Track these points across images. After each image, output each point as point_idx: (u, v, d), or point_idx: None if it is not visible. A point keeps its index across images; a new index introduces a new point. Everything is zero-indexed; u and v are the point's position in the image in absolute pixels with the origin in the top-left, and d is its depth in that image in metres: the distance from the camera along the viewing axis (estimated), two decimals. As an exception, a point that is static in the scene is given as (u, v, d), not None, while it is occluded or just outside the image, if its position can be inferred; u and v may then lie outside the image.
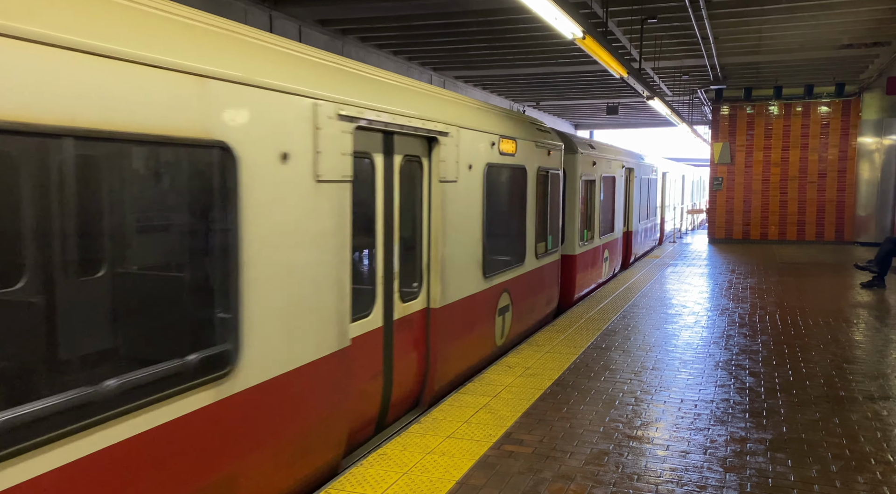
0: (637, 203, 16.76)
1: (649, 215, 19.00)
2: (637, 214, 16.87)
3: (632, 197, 16.19)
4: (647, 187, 18.25)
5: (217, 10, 10.68)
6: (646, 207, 18.34)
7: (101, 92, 2.78)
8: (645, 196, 18.11)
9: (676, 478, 4.49)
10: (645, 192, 18.04)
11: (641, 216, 17.68)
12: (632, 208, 16.24)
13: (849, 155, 20.82)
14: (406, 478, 4.42)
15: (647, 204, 18.46)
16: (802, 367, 7.21)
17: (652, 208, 19.57)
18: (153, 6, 3.27)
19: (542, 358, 7.41)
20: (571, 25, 7.64)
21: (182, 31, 3.34)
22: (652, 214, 19.58)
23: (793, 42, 15.08)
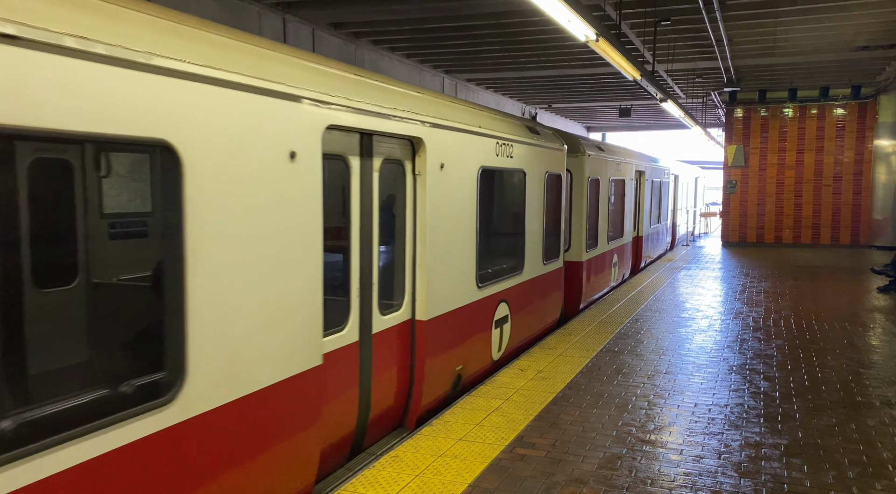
0: (648, 207, 16.35)
1: (661, 218, 18.58)
2: (648, 218, 16.47)
3: (642, 201, 15.76)
4: (658, 191, 17.80)
5: (231, 14, 10.76)
6: (657, 210, 17.87)
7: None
8: (656, 200, 17.69)
9: (690, 483, 4.46)
10: (656, 195, 17.63)
11: (652, 220, 17.27)
12: (642, 212, 15.82)
13: (865, 158, 20.61)
14: (418, 480, 4.42)
15: (658, 208, 18.03)
16: (818, 372, 7.14)
17: (663, 212, 19.13)
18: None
19: (555, 361, 7.38)
20: (584, 28, 7.62)
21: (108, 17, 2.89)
22: (663, 217, 19.17)
23: (808, 44, 14.95)
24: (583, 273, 10.65)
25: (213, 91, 3.32)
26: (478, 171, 6.62)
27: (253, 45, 3.80)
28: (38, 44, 2.49)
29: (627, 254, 14.10)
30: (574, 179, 10.42)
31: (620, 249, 13.37)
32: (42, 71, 2.51)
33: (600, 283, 11.88)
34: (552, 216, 9.19)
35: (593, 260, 11.22)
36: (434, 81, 18.31)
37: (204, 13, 10.01)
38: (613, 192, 12.53)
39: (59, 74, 2.57)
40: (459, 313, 6.32)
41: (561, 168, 9.40)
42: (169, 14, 3.26)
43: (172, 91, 3.05)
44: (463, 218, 6.32)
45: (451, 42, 14.90)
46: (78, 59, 2.64)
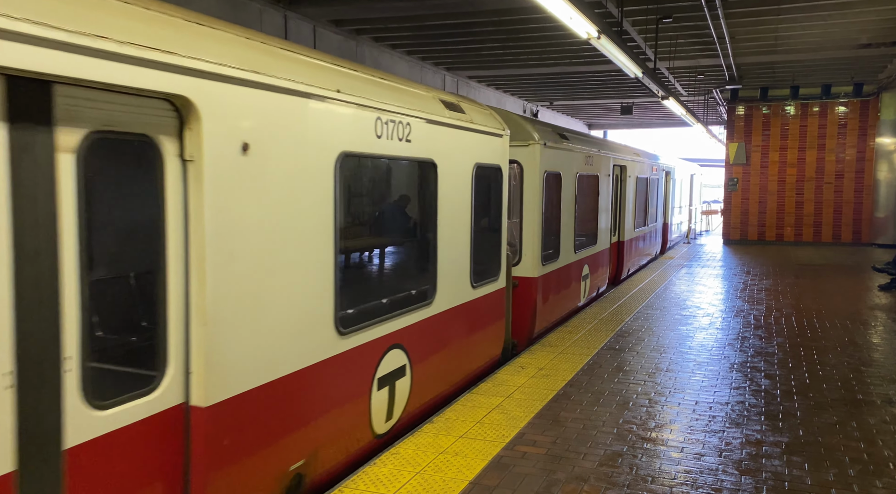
0: (632, 207, 14.23)
1: (648, 220, 16.34)
2: (631, 220, 14.31)
3: (625, 200, 13.69)
4: (644, 188, 15.67)
5: (232, 10, 10.75)
6: (643, 211, 15.70)
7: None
8: (642, 199, 15.47)
9: (691, 481, 4.46)
10: (642, 194, 15.42)
11: (638, 222, 15.13)
12: (624, 214, 13.77)
13: (867, 156, 20.58)
14: (419, 477, 4.42)
15: (645, 208, 15.89)
16: (819, 370, 7.14)
17: (653, 213, 16.97)
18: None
19: (555, 359, 7.38)
20: (586, 25, 7.60)
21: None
22: (653, 219, 16.96)
23: (810, 41, 14.92)
24: (537, 292, 8.40)
25: None
26: (336, 159, 4.37)
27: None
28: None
29: (604, 263, 11.97)
30: (525, 173, 8.29)
31: (594, 258, 11.25)
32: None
33: (565, 301, 9.71)
34: (488, 223, 7.18)
35: (553, 275, 9.03)
36: (435, 78, 18.30)
37: (205, 10, 10.00)
38: (583, 190, 10.47)
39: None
40: (295, 380, 4.09)
41: (500, 159, 7.20)
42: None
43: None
44: (302, 233, 4.11)
45: (453, 39, 14.89)
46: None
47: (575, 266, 10.13)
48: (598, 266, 11.49)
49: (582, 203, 10.46)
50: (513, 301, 8.08)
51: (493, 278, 7.15)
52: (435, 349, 5.94)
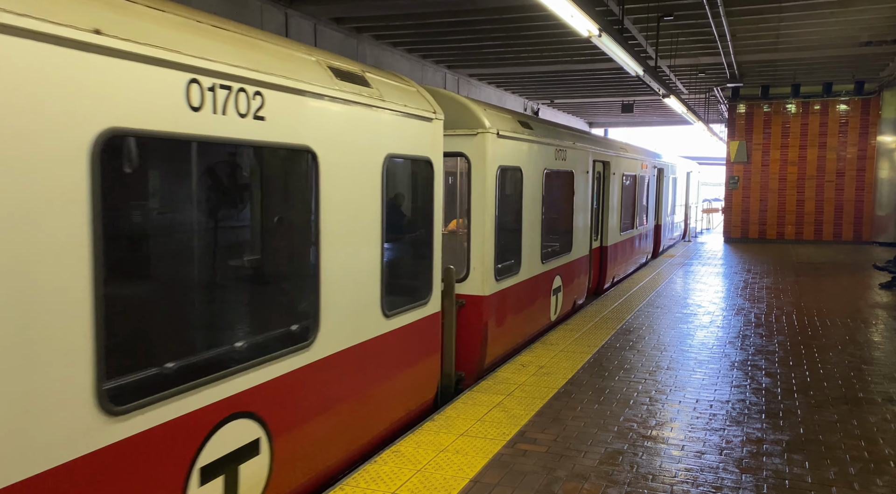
0: (616, 208, 12.73)
1: (637, 222, 14.94)
2: (616, 222, 12.84)
3: (608, 201, 12.24)
4: (633, 187, 14.24)
5: (233, 9, 10.74)
6: (630, 212, 14.26)
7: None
8: (629, 199, 14.05)
9: (692, 479, 4.46)
10: (630, 193, 14.01)
11: (625, 225, 13.72)
12: (607, 216, 12.26)
13: (868, 154, 20.56)
14: (420, 475, 4.42)
15: (633, 209, 14.49)
16: (820, 368, 7.14)
17: (643, 214, 15.63)
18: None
19: (556, 357, 7.39)
20: (587, 23, 7.59)
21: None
22: (643, 220, 15.61)
23: (811, 39, 14.90)
24: (488, 314, 6.99)
25: None
26: (93, 142, 2.78)
27: None
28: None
29: (582, 272, 10.53)
30: (473, 169, 6.87)
31: (569, 267, 9.77)
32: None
33: (528, 321, 8.28)
34: (412, 231, 6.10)
35: (512, 291, 7.62)
36: (436, 76, 18.29)
37: (206, 8, 9.99)
38: (553, 189, 9.16)
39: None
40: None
41: (430, 149, 5.74)
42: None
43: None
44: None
45: (454, 37, 14.87)
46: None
47: (542, 279, 8.62)
48: (573, 276, 10.00)
49: (552, 204, 9.11)
50: (458, 325, 6.67)
51: (421, 302, 5.69)
52: (316, 410, 4.32)
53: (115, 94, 2.88)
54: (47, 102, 2.60)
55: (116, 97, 2.89)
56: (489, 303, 6.98)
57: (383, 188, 4.99)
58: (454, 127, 6.70)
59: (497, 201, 6.97)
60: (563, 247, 9.66)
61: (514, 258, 7.77)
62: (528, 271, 8.14)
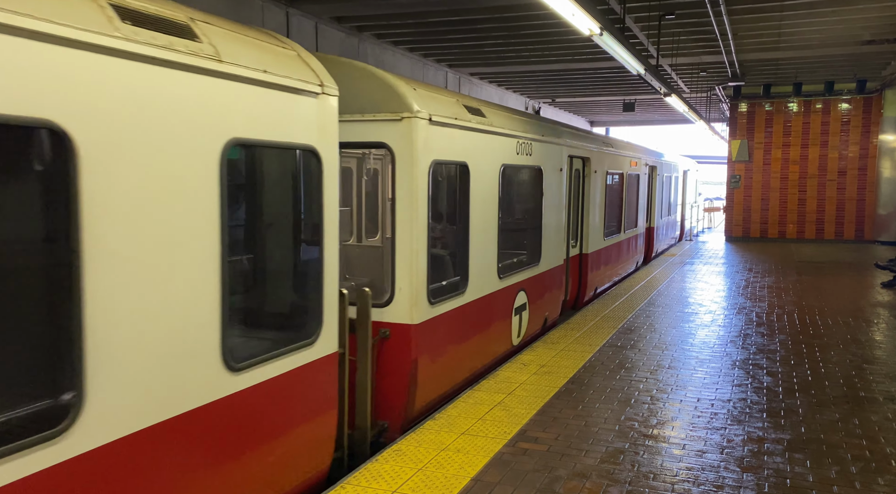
0: (598, 211, 11.29)
1: (625, 225, 13.38)
2: (600, 227, 11.48)
3: (588, 202, 10.84)
4: (620, 187, 12.78)
5: (235, 8, 10.74)
6: (617, 215, 12.77)
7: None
8: (615, 200, 12.64)
9: (693, 477, 4.46)
10: (616, 194, 12.65)
11: (610, 229, 12.33)
12: (588, 220, 10.87)
13: (870, 153, 20.53)
14: (421, 474, 4.43)
15: (620, 211, 12.96)
16: (821, 367, 7.13)
17: (632, 216, 14.18)
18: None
19: (557, 356, 7.39)
20: (588, 21, 7.58)
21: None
22: (632, 223, 14.29)
23: (813, 38, 14.88)
24: (417, 350, 5.58)
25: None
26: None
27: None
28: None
29: (555, 285, 9.19)
30: (397, 163, 5.44)
31: (537, 281, 8.43)
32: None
33: (478, 352, 6.83)
34: (287, 246, 4.69)
35: (454, 316, 6.17)
36: (437, 75, 18.28)
37: (208, 8, 9.99)
38: (513, 189, 8.03)
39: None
40: None
41: (314, 134, 4.28)
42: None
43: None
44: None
45: (455, 36, 14.87)
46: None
47: (499, 297, 7.26)
48: (543, 291, 8.65)
49: (513, 207, 8.04)
50: (380, 361, 5.51)
51: (304, 343, 4.21)
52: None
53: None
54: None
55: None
56: (420, 333, 5.56)
57: (222, 186, 3.54)
58: (373, 110, 5.45)
59: (430, 204, 5.61)
60: (530, 257, 8.35)
61: (458, 274, 6.46)
62: (479, 289, 6.73)
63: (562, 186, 9.30)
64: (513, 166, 7.61)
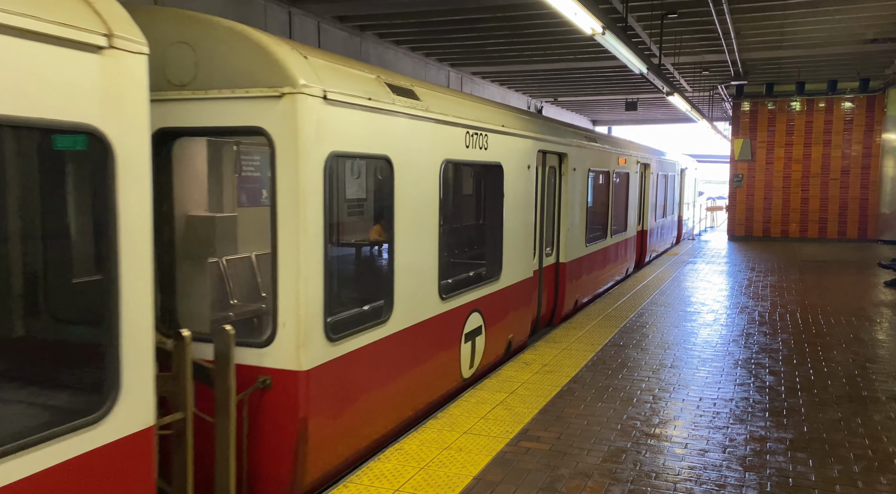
0: (577, 215, 9.93)
1: (611, 230, 12.15)
2: (577, 233, 10.03)
3: (566, 205, 9.44)
4: (605, 187, 11.75)
5: (237, 8, 10.76)
6: (602, 218, 11.74)
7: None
8: (601, 201, 11.69)
9: (695, 477, 4.46)
10: (600, 194, 11.68)
11: (594, 235, 11.12)
12: (565, 225, 9.50)
13: (873, 152, 20.49)
14: (423, 473, 4.44)
15: (606, 213, 11.89)
16: (824, 366, 7.13)
17: (620, 219, 12.90)
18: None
19: (559, 355, 7.39)
20: (591, 20, 7.58)
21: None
22: (620, 227, 13.01)
23: (816, 37, 14.85)
24: (307, 406, 4.23)
25: None
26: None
27: None
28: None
29: (521, 303, 7.86)
30: (277, 155, 4.12)
31: (497, 299, 7.11)
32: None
33: (410, 396, 5.46)
34: (63, 278, 3.89)
35: (367, 356, 4.84)
36: (440, 75, 18.29)
37: (210, 8, 10.01)
38: (462, 189, 7.42)
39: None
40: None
41: (94, 110, 2.88)
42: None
43: None
44: None
45: (457, 35, 14.87)
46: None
47: (442, 323, 5.91)
48: (506, 309, 7.40)
49: (461, 213, 7.23)
50: (259, 422, 4.19)
51: (83, 424, 2.85)
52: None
53: None
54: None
55: None
56: (313, 382, 4.20)
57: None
58: (245, 84, 4.06)
59: (327, 209, 4.24)
60: (489, 270, 7.17)
61: (377, 299, 5.26)
62: (409, 315, 5.37)
63: (530, 186, 7.95)
64: (461, 162, 6.28)
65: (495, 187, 7.18)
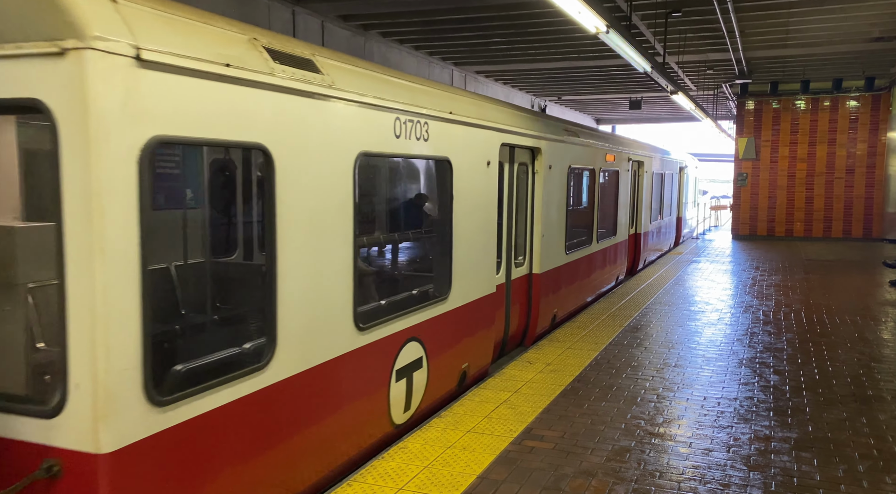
0: (553, 220, 8.65)
1: (596, 236, 10.82)
2: (554, 241, 8.73)
3: (538, 209, 8.15)
4: (590, 187, 10.62)
5: (241, 7, 10.77)
6: (586, 223, 10.50)
7: None
8: (585, 203, 10.55)
9: (699, 476, 4.45)
10: (585, 195, 10.57)
11: (575, 240, 9.87)
12: (539, 231, 8.20)
13: (878, 150, 20.42)
14: (427, 472, 4.44)
15: (590, 217, 10.60)
16: (829, 365, 7.11)
17: (606, 223, 11.65)
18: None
19: (563, 354, 7.38)
20: (595, 19, 7.57)
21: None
22: (609, 232, 11.81)
23: (821, 35, 14.80)
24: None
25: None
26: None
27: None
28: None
29: (481, 323, 6.65)
30: (61, 140, 2.83)
31: (445, 322, 5.89)
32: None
33: (310, 459, 4.25)
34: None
35: (237, 417, 3.59)
36: (443, 73, 18.28)
37: (213, 7, 10.02)
38: (388, 190, 6.57)
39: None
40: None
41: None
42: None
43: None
44: None
45: (460, 34, 14.87)
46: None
47: (359, 361, 4.65)
48: (458, 334, 6.14)
49: (389, 220, 6.29)
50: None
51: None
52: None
53: None
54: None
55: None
56: (121, 471, 2.97)
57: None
58: (10, 36, 2.87)
59: (145, 218, 3.05)
60: (436, 288, 5.95)
61: (253, 337, 4.24)
62: (305, 355, 4.11)
63: (491, 185, 6.71)
64: (387, 156, 5.16)
65: (442, 187, 5.94)
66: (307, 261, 4.11)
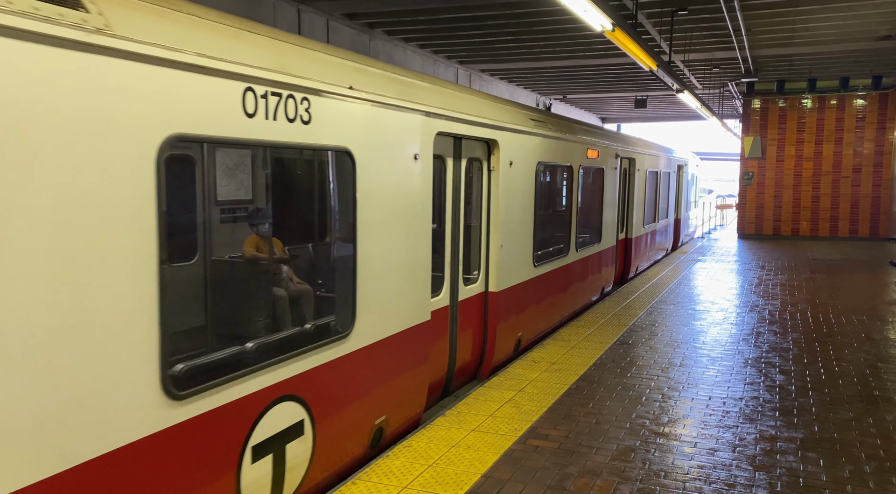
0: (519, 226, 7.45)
1: (574, 243, 9.52)
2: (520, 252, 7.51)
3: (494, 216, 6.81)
4: (569, 187, 9.43)
5: (246, 6, 10.78)
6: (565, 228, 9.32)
7: None
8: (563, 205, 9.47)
9: (704, 476, 4.44)
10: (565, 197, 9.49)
11: (549, 249, 8.68)
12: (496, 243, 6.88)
13: (885, 150, 20.31)
14: (431, 470, 4.44)
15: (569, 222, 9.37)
16: (835, 365, 7.08)
17: (589, 229, 10.38)
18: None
19: (568, 354, 7.37)
20: (600, 17, 7.54)
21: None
22: (593, 239, 10.59)
23: (828, 33, 14.72)
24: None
25: None
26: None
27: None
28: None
29: (405, 363, 5.23)
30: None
31: (344, 368, 4.42)
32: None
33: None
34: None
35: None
36: (448, 72, 18.27)
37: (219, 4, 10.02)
38: (249, 191, 5.44)
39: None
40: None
41: None
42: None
43: None
44: None
45: (466, 32, 14.85)
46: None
47: (165, 447, 3.09)
48: (367, 384, 4.72)
49: (274, 228, 5.28)
50: None
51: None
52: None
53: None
54: None
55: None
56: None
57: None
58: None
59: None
60: (339, 321, 4.61)
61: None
62: (60, 453, 2.64)
63: (420, 185, 5.29)
64: (229, 143, 3.85)
65: (342, 188, 4.61)
66: (52, 299, 2.60)
